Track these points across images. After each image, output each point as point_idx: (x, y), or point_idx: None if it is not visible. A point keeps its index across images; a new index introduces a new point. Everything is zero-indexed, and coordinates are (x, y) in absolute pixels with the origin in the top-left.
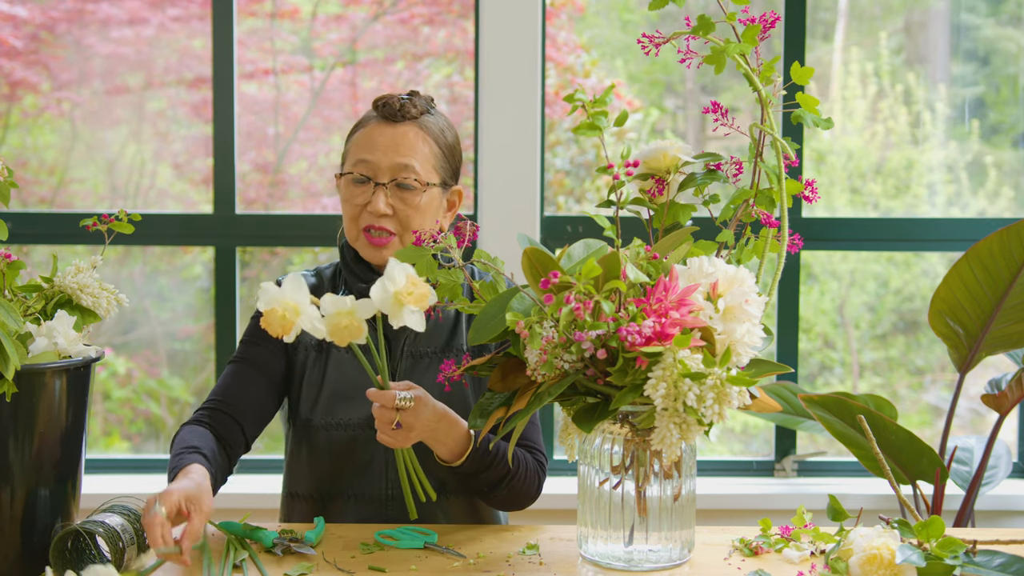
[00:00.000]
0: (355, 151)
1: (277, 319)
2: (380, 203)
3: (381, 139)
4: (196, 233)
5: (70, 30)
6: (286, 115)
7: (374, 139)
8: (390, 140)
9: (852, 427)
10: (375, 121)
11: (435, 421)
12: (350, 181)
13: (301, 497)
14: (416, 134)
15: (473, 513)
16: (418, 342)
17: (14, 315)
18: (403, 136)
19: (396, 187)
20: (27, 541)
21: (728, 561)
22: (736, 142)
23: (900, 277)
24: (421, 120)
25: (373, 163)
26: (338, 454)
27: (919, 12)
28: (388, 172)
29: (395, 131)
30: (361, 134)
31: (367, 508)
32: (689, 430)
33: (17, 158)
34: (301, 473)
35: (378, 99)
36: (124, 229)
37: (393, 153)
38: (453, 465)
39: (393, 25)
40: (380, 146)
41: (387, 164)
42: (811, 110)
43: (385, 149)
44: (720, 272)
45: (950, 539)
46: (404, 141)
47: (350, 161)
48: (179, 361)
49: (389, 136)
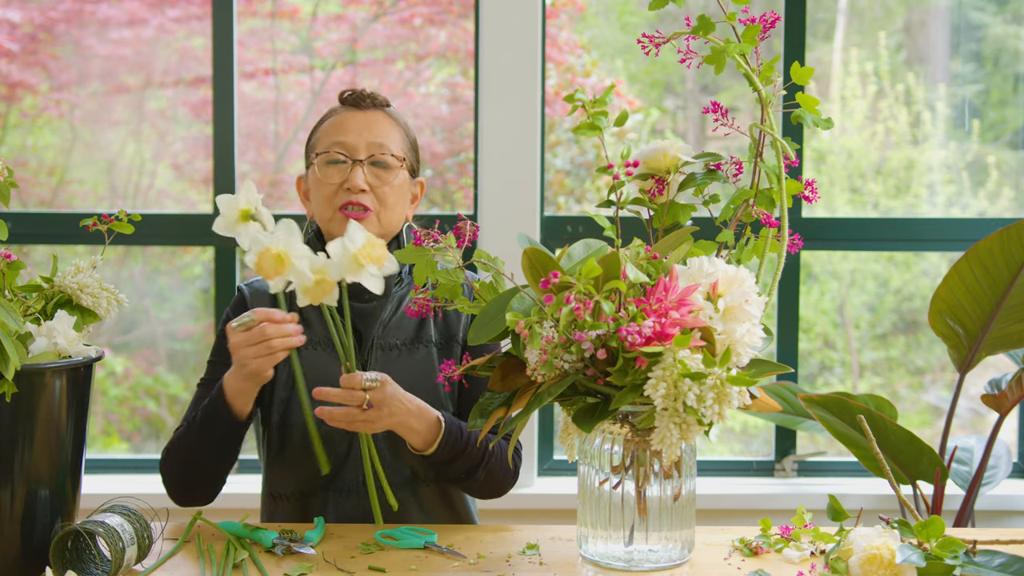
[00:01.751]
0: (327, 136)
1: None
2: (358, 179)
3: (354, 122)
4: (196, 233)
5: (69, 31)
6: (286, 115)
7: (347, 123)
8: (363, 123)
9: (852, 427)
10: (344, 110)
11: (405, 403)
12: (324, 163)
13: (284, 497)
14: (386, 119)
15: (447, 504)
16: (387, 334)
17: (14, 315)
18: (375, 120)
19: (372, 164)
20: (27, 541)
21: (728, 561)
22: (736, 142)
23: (900, 277)
24: (388, 110)
25: (349, 143)
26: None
27: (919, 12)
28: (364, 150)
29: (366, 115)
30: (331, 123)
31: (347, 500)
32: (689, 430)
33: (17, 158)
34: (281, 473)
35: (343, 92)
36: (124, 229)
37: (367, 133)
38: (426, 454)
39: (393, 25)
40: (353, 128)
41: (363, 143)
42: (811, 110)
43: (359, 130)
44: (720, 272)
45: (950, 539)
46: (376, 124)
47: (322, 145)
48: (179, 361)
49: (361, 120)
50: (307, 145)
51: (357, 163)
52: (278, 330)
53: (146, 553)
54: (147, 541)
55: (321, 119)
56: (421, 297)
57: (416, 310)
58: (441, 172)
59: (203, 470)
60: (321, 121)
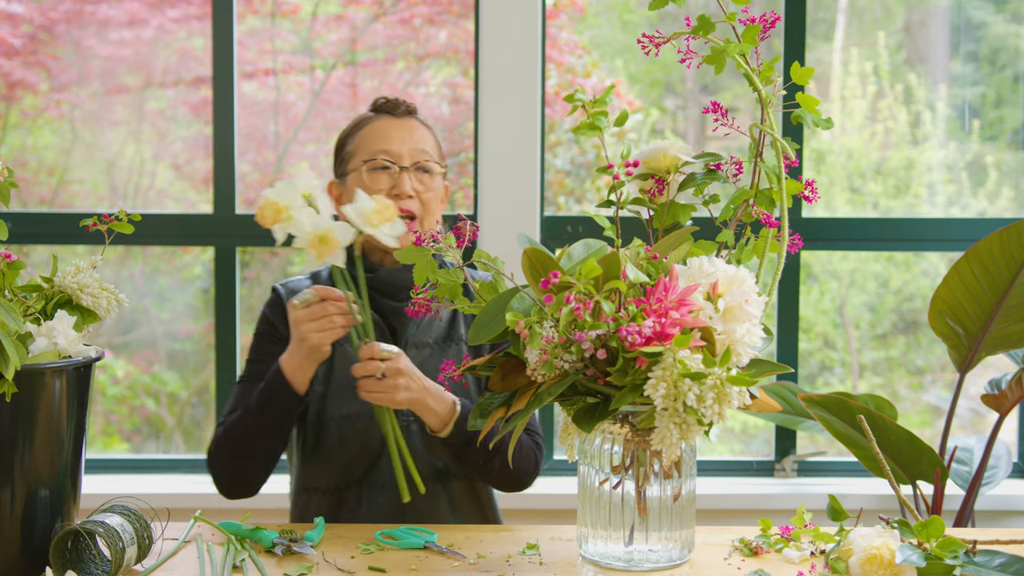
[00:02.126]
0: (370, 144)
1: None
2: (407, 185)
3: (394, 131)
4: (196, 233)
5: (69, 31)
6: (286, 115)
7: (387, 131)
8: (402, 131)
9: (852, 427)
10: (379, 117)
11: (420, 380)
12: (370, 170)
13: (318, 491)
14: (420, 125)
15: (475, 499)
16: (420, 333)
17: (14, 315)
18: (413, 127)
19: (416, 170)
20: (27, 541)
21: (728, 561)
22: (736, 142)
23: (900, 277)
24: (419, 116)
25: (393, 151)
26: (350, 444)
27: (919, 12)
28: (408, 157)
29: (403, 123)
30: (368, 130)
31: (381, 494)
32: (689, 430)
33: (17, 158)
34: (316, 468)
35: (377, 101)
36: (124, 229)
37: (409, 141)
38: (443, 435)
39: (393, 25)
40: (395, 137)
41: (406, 150)
42: (811, 110)
43: (401, 138)
44: (720, 272)
45: (950, 539)
46: (415, 131)
47: (364, 153)
48: (179, 361)
49: (400, 127)
50: (340, 152)
51: (404, 170)
52: (338, 307)
53: (146, 553)
54: (147, 541)
55: (354, 127)
56: (421, 297)
57: (416, 310)
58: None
59: (256, 455)
60: (355, 129)
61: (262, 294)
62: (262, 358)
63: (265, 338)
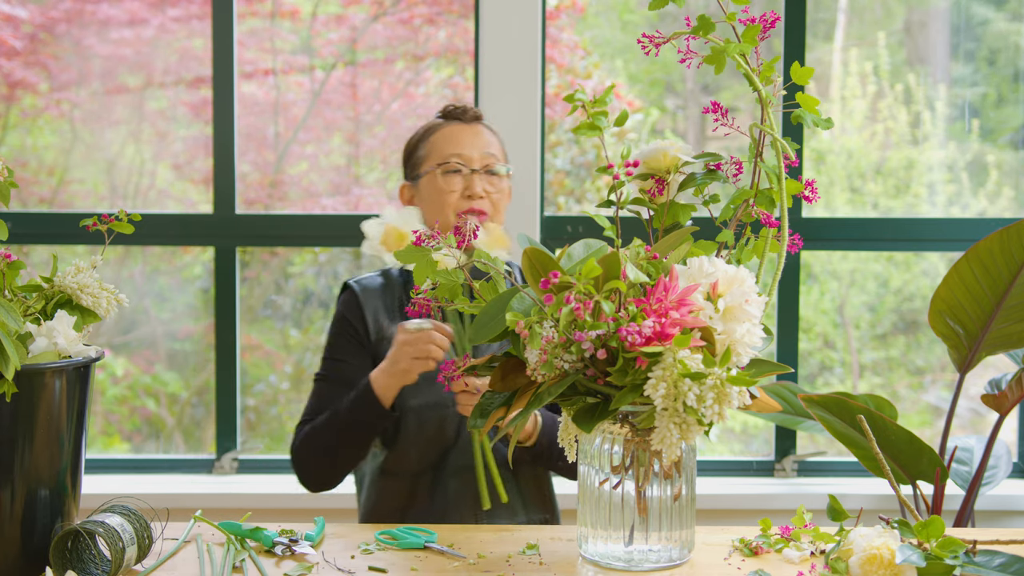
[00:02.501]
0: (440, 149)
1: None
2: (478, 187)
3: (465, 136)
4: (196, 233)
5: (69, 31)
6: (286, 115)
7: (458, 136)
8: (472, 136)
9: (852, 427)
10: (449, 123)
11: None
12: (444, 173)
13: (396, 476)
14: (487, 131)
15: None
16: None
17: (14, 315)
18: (481, 133)
19: (487, 173)
20: (27, 541)
21: (728, 561)
22: (736, 142)
23: (900, 277)
24: (485, 122)
25: (465, 154)
26: (428, 432)
27: (919, 12)
28: (479, 160)
29: (473, 129)
30: (439, 135)
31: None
32: (689, 430)
33: (17, 158)
34: (394, 455)
35: (447, 107)
36: (124, 229)
37: (479, 145)
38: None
39: (393, 25)
40: (466, 142)
41: (477, 154)
42: (811, 110)
43: (472, 143)
44: (720, 272)
45: (950, 539)
46: (484, 136)
47: (437, 157)
48: (179, 361)
49: (470, 133)
50: (411, 157)
51: (475, 172)
52: (439, 343)
53: (146, 553)
54: (147, 541)
55: (424, 133)
56: (421, 297)
57: (416, 310)
58: None
59: (339, 462)
60: (426, 134)
61: (262, 294)
62: (341, 357)
63: (342, 337)
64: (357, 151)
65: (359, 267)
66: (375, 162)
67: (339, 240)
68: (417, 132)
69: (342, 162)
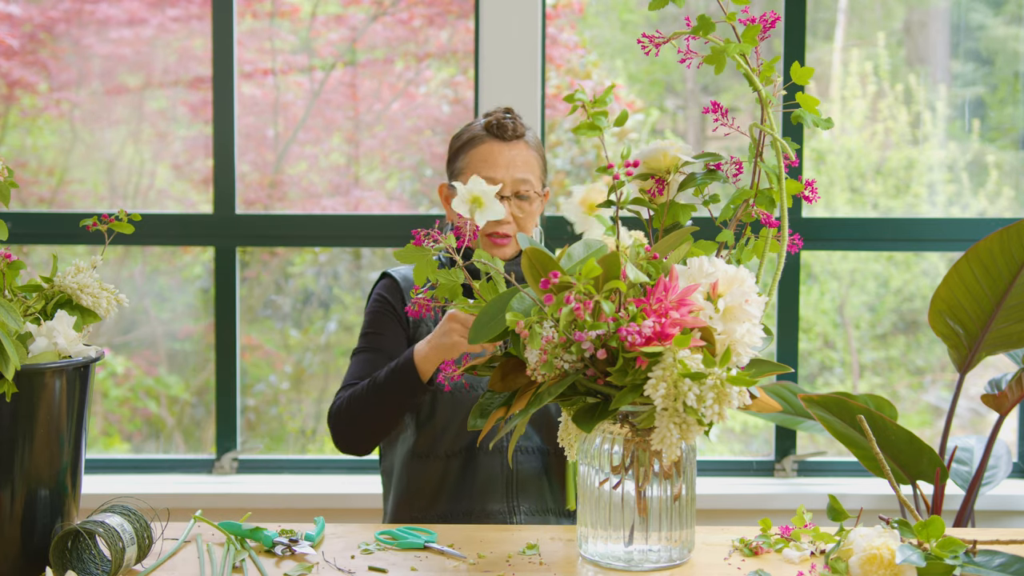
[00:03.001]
0: (474, 166)
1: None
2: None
3: (500, 158)
4: (196, 233)
5: (69, 30)
6: (285, 116)
7: (494, 158)
8: (508, 159)
9: (852, 427)
10: (490, 140)
11: None
12: None
13: (430, 457)
14: (527, 150)
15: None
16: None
17: (14, 315)
18: (518, 154)
19: (516, 198)
20: (27, 541)
21: (728, 561)
22: (736, 142)
23: (900, 277)
24: (526, 137)
25: (496, 178)
26: (462, 413)
27: (919, 12)
28: (510, 187)
29: (511, 150)
30: (478, 152)
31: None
32: (689, 430)
33: (17, 158)
34: (429, 435)
35: (489, 121)
36: (124, 229)
37: (513, 169)
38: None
39: (393, 25)
40: (501, 165)
41: (509, 179)
42: (811, 110)
43: (506, 166)
44: (720, 272)
45: (950, 539)
46: (520, 158)
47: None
48: (179, 361)
49: (507, 155)
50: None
51: (504, 199)
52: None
53: (146, 553)
54: (147, 541)
55: (467, 142)
56: (421, 297)
57: (416, 310)
58: (441, 172)
59: (372, 428)
60: (467, 145)
61: (262, 294)
62: (380, 331)
63: (382, 315)
64: (357, 151)
65: (359, 267)
66: (375, 162)
67: (339, 240)
68: (463, 134)
69: (342, 162)
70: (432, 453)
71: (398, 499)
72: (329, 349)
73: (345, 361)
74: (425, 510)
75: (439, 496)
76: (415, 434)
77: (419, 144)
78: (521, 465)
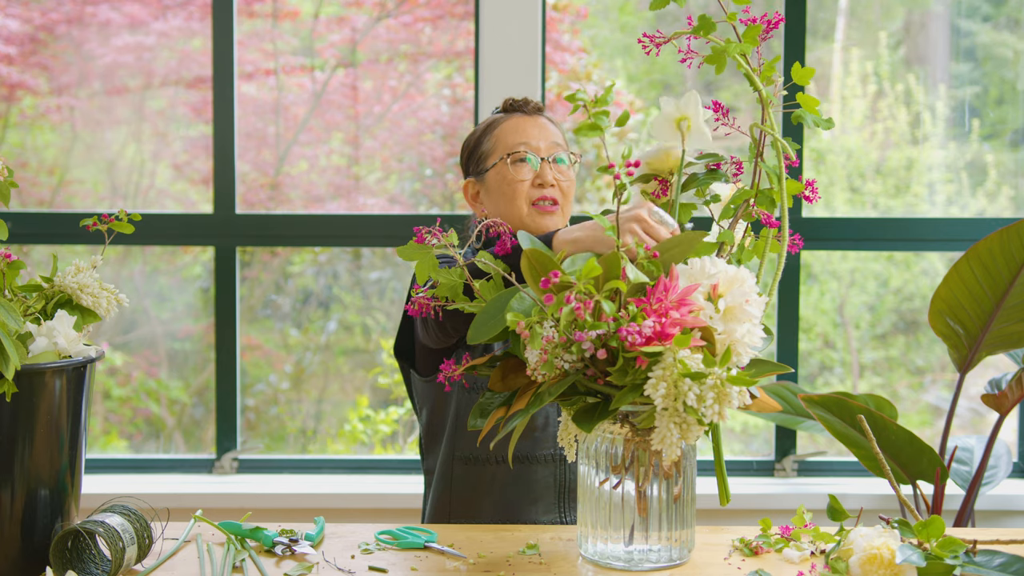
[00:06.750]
0: (506, 140)
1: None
2: (549, 175)
3: (530, 127)
4: (196, 233)
5: (70, 32)
6: (286, 116)
7: (524, 127)
8: (537, 127)
9: (852, 427)
10: (511, 116)
11: None
12: (513, 162)
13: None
14: (549, 122)
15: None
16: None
17: (14, 315)
18: (544, 124)
19: (554, 161)
20: (27, 541)
21: (728, 561)
22: (736, 142)
23: (900, 277)
24: (546, 114)
25: (532, 144)
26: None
27: (919, 13)
28: (547, 149)
29: (536, 120)
30: (503, 128)
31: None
32: (689, 430)
33: (17, 158)
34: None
35: (507, 101)
36: (124, 229)
37: (545, 134)
38: None
39: (394, 27)
40: (532, 133)
41: (545, 144)
42: (811, 110)
43: (539, 133)
44: (721, 272)
45: (950, 539)
46: (547, 127)
47: (504, 148)
48: (179, 361)
49: (534, 124)
50: (474, 152)
51: (544, 161)
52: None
53: (146, 553)
54: (147, 541)
55: (486, 128)
56: (421, 297)
57: (416, 310)
58: (441, 173)
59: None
60: (488, 129)
61: (262, 294)
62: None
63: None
64: (357, 152)
65: (359, 267)
66: (375, 163)
67: (339, 240)
68: (477, 129)
69: (342, 163)
70: (470, 457)
71: (440, 505)
72: (329, 349)
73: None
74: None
75: (482, 504)
76: (450, 437)
77: (419, 145)
78: (575, 474)
